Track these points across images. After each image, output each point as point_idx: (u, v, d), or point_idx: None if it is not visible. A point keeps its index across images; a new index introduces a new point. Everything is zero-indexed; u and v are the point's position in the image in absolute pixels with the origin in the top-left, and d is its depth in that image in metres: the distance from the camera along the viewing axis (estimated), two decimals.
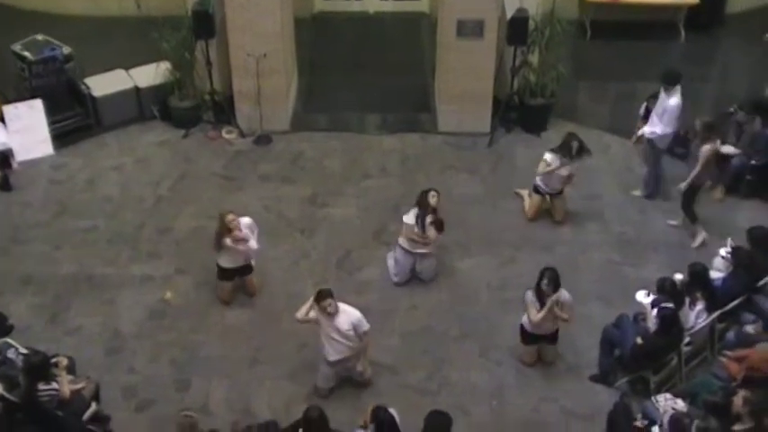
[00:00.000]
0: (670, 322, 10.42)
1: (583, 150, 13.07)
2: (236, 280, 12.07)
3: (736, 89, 16.12)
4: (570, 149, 12.99)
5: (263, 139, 15.05)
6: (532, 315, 10.90)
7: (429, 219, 12.04)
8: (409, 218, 12.14)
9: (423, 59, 17.04)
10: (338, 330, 10.59)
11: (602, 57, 17.23)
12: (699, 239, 13.05)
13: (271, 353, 11.50)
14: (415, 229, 12.09)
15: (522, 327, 11.16)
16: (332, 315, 10.54)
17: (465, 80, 14.78)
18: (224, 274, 12.01)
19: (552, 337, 11.21)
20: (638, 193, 13.94)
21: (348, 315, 10.63)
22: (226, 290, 12.04)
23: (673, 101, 13.13)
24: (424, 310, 12.00)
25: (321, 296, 10.54)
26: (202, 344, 11.62)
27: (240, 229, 11.68)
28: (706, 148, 12.72)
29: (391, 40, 17.86)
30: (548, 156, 13.09)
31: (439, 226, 12.18)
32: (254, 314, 12.00)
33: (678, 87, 13.18)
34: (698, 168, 12.75)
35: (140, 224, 13.38)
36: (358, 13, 18.60)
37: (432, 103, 15.87)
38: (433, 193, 12.11)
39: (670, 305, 10.51)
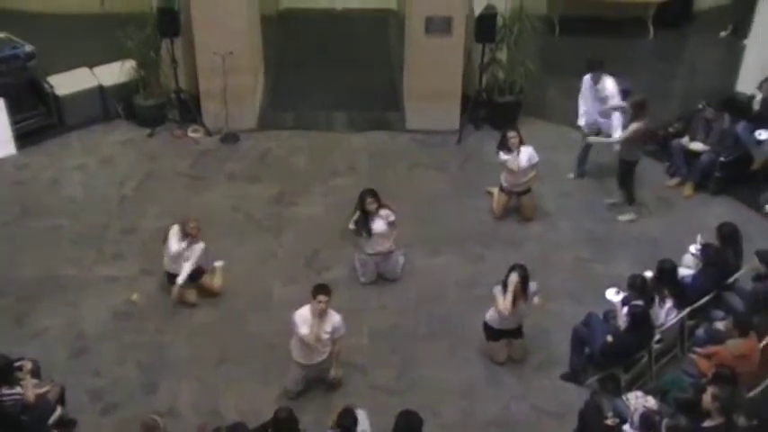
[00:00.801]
0: (640, 320, 10.49)
1: (521, 143, 13.18)
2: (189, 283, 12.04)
3: (705, 85, 16.24)
4: (506, 143, 13.10)
5: (230, 138, 15.01)
6: (500, 304, 10.90)
7: (381, 221, 12.12)
8: (351, 224, 12.28)
9: (390, 57, 17.08)
10: (319, 334, 10.51)
11: (571, 53, 17.29)
12: (626, 217, 13.44)
13: (239, 354, 11.44)
14: (363, 234, 12.18)
15: (485, 324, 11.20)
16: (320, 315, 10.46)
17: (433, 78, 14.83)
18: (171, 278, 12.00)
19: (517, 332, 11.26)
20: (570, 175, 14.30)
21: (331, 317, 10.62)
22: (177, 293, 11.99)
23: (609, 83, 13.70)
24: (392, 309, 12.01)
25: (319, 290, 10.45)
26: (169, 345, 11.56)
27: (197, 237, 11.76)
28: (634, 125, 13.11)
29: (359, 37, 17.87)
30: (500, 154, 13.18)
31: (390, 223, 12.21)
32: (222, 314, 11.95)
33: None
34: (620, 141, 13.30)
35: (105, 225, 13.30)
36: (325, 11, 18.62)
37: (400, 100, 15.90)
38: (370, 200, 12.12)
39: (640, 303, 10.58)
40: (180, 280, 11.76)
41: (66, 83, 15.11)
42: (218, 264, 12.21)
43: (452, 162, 14.74)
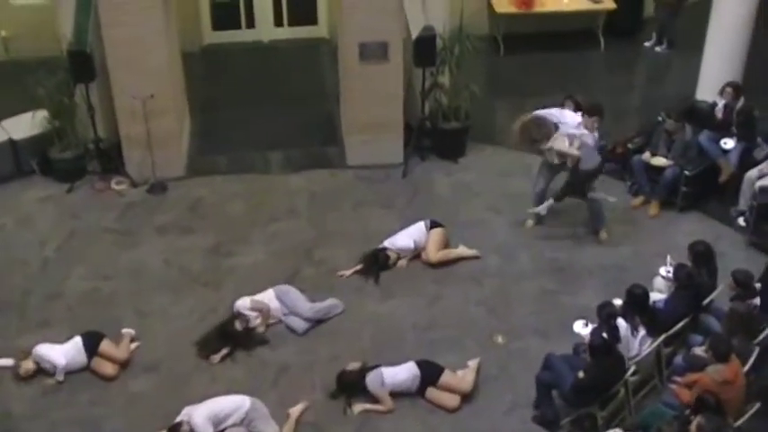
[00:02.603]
0: (601, 352, 10.43)
1: None
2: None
3: (663, 96, 16.40)
4: None
5: (157, 188, 14.87)
6: None
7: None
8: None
9: (325, 88, 17.07)
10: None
11: (519, 72, 17.44)
12: (538, 209, 13.60)
13: None
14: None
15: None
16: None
17: (372, 108, 14.81)
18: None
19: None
20: (530, 223, 14.08)
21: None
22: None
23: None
24: (346, 359, 11.85)
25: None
26: (105, 418, 11.30)
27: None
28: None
29: (290, 69, 17.86)
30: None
31: None
32: (162, 380, 11.74)
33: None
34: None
35: (27, 290, 13.04)
36: (251, 44, 18.61)
37: (338, 135, 15.85)
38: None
39: (602, 334, 10.57)
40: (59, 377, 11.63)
41: None
42: (126, 331, 12.07)
43: (399, 198, 14.70)
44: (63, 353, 11.65)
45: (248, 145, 15.80)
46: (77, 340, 11.74)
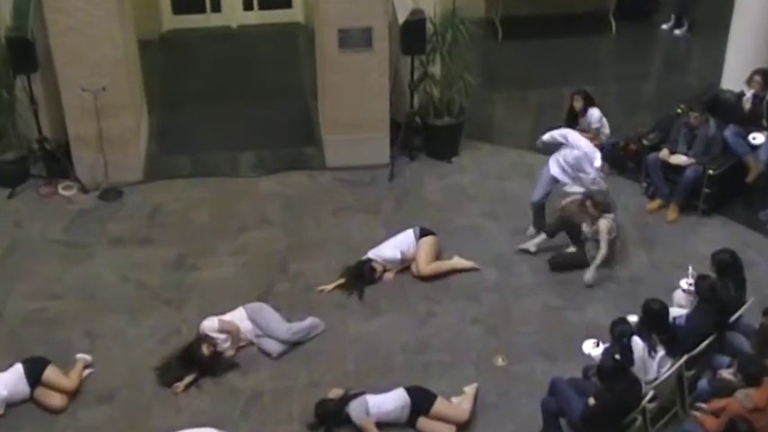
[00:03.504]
0: (612, 375, 10.41)
1: None
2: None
3: (682, 86, 16.42)
4: None
5: (112, 193, 14.86)
6: None
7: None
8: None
9: (302, 81, 17.08)
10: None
11: (519, 60, 17.45)
12: (527, 245, 13.65)
13: None
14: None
15: None
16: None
17: (354, 102, 14.84)
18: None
19: None
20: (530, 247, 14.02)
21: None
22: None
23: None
24: (327, 386, 11.84)
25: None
26: None
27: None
28: None
29: (262, 59, 17.87)
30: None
31: None
32: (116, 411, 11.67)
33: None
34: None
35: None
36: (218, 29, 18.61)
37: (316, 133, 15.86)
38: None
39: (614, 355, 10.57)
40: None
41: None
42: (80, 357, 12.03)
43: (385, 202, 14.72)
44: (3, 382, 11.57)
45: (214, 145, 15.81)
46: (18, 368, 11.64)
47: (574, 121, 14.04)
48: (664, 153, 14.26)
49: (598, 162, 13.33)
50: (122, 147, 14.85)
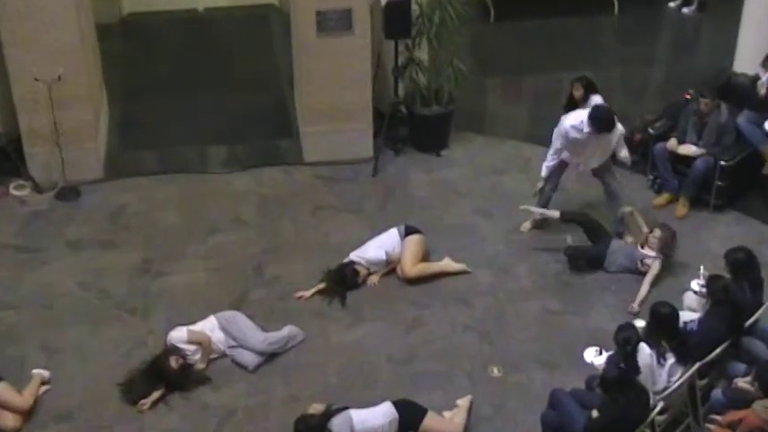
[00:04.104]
0: (616, 385, 10.42)
1: None
2: None
3: (691, 69, 16.46)
4: None
5: (69, 193, 14.85)
6: None
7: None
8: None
9: (276, 68, 17.10)
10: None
11: (513, 43, 17.47)
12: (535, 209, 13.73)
13: None
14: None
15: None
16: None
17: (334, 91, 14.86)
18: None
19: None
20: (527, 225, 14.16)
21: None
22: None
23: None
24: (307, 400, 11.82)
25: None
26: None
27: None
28: None
29: (232, 44, 17.91)
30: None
31: None
32: (76, 431, 11.67)
33: None
34: None
35: None
36: (183, 12, 18.65)
37: (293, 125, 15.89)
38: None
39: (618, 363, 10.60)
40: None
41: None
42: (37, 372, 11.99)
43: (369, 200, 14.74)
44: None
45: (182, 139, 15.85)
46: None
47: (573, 110, 14.06)
48: (672, 143, 14.29)
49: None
50: (80, 142, 14.84)
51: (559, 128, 13.29)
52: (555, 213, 13.55)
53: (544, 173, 13.56)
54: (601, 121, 12.95)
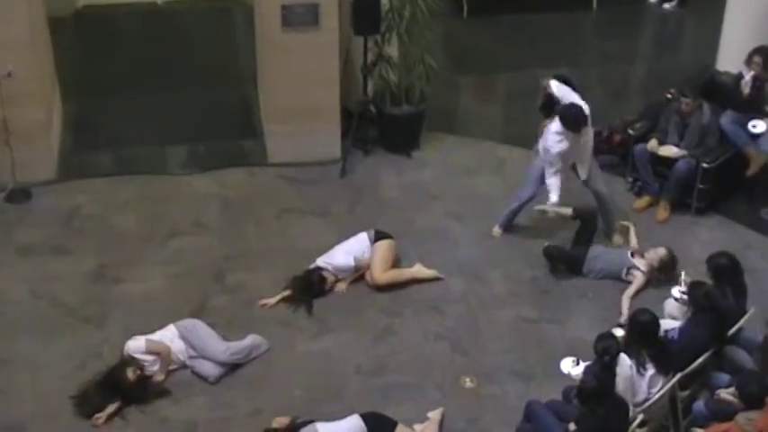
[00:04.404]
0: (594, 397, 10.43)
1: None
2: None
3: (673, 68, 16.51)
4: None
5: (19, 195, 14.79)
6: None
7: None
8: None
9: (240, 64, 17.07)
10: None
11: (487, 39, 17.48)
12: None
13: None
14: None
15: None
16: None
17: (300, 89, 14.84)
18: None
19: None
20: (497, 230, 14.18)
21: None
22: None
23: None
24: (271, 413, 11.81)
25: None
26: None
27: None
28: None
29: (193, 40, 17.89)
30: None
31: None
32: None
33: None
34: None
35: None
36: (142, 5, 18.61)
37: (257, 124, 15.87)
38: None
39: (597, 374, 10.60)
40: None
41: None
42: None
43: (337, 203, 14.73)
44: None
45: (140, 138, 15.80)
46: None
47: (550, 109, 14.07)
48: (652, 144, 14.34)
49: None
50: (31, 141, 14.75)
51: (546, 142, 13.30)
52: (568, 210, 13.49)
53: (556, 199, 13.50)
54: (570, 118, 13.00)
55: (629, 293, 12.88)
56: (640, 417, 10.81)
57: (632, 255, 13.21)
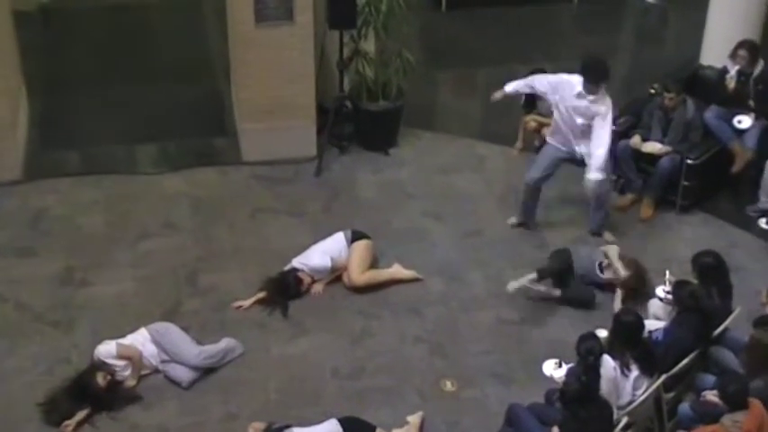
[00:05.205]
0: (577, 399, 10.48)
1: None
2: None
3: (656, 62, 16.56)
4: None
5: None
6: None
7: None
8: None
9: (212, 60, 17.07)
10: None
11: (466, 33, 17.50)
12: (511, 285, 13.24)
13: None
14: None
15: None
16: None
17: (274, 85, 14.87)
18: None
19: None
20: (513, 220, 14.22)
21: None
22: None
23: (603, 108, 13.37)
24: (247, 418, 11.81)
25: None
26: None
27: None
28: None
29: (163, 35, 17.88)
30: None
31: None
32: None
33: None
34: None
35: None
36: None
37: (230, 121, 15.88)
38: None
39: (580, 376, 10.64)
40: None
41: None
42: None
43: (312, 202, 14.74)
44: None
45: (108, 136, 15.77)
46: None
47: (532, 105, 14.14)
48: (635, 140, 14.35)
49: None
50: None
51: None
52: (532, 276, 13.06)
53: (509, 89, 13.62)
54: (591, 69, 13.05)
55: (615, 308, 12.89)
56: (625, 419, 10.82)
57: (602, 269, 13.20)
